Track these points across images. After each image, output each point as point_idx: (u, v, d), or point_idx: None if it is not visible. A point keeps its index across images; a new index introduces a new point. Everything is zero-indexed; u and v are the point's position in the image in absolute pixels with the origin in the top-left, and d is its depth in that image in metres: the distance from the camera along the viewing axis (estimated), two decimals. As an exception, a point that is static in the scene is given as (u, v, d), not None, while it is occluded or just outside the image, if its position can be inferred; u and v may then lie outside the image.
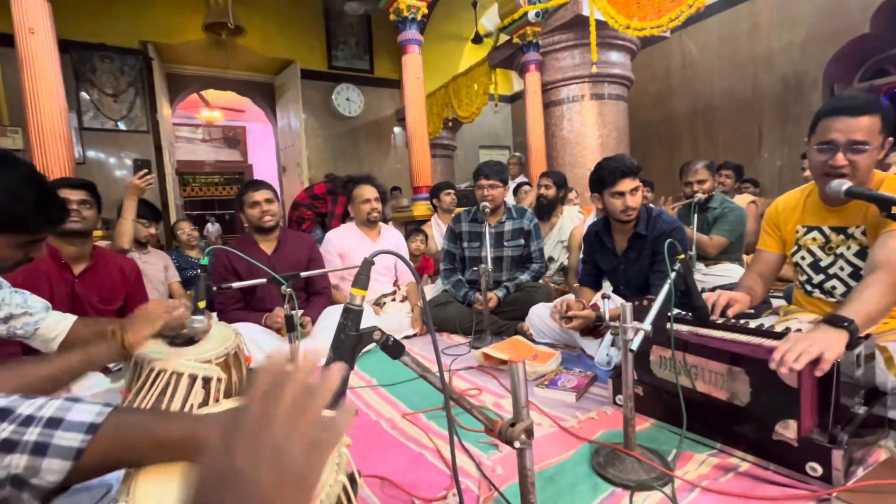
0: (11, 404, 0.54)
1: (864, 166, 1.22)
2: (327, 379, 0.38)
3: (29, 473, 0.51)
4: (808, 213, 1.42)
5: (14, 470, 0.51)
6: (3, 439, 0.51)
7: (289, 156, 6.69)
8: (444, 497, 1.03)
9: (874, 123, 1.19)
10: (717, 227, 2.56)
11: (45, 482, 0.52)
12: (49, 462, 0.52)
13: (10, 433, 0.52)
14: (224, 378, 1.23)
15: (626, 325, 1.07)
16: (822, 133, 1.25)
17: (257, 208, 2.15)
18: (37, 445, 0.52)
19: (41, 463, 0.52)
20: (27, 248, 0.92)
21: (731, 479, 1.04)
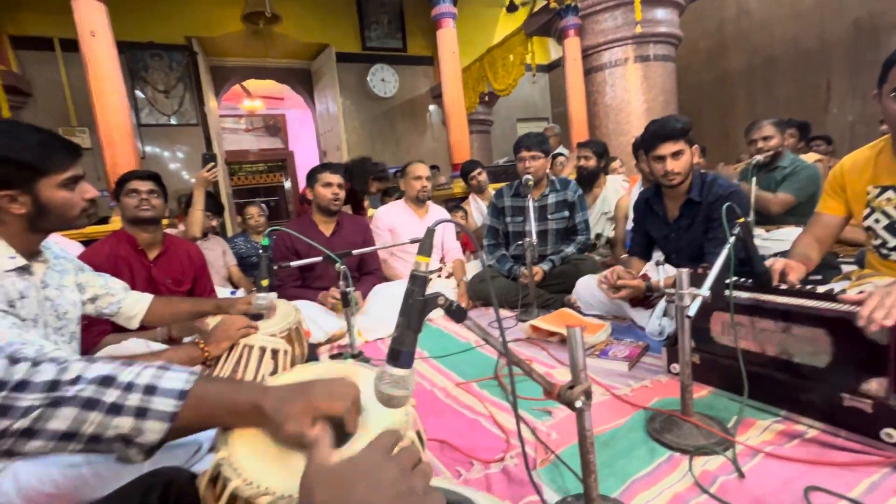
0: (115, 372, 0.62)
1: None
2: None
3: (134, 434, 0.58)
4: (882, 172, 1.30)
5: (122, 430, 0.58)
6: (112, 403, 0.58)
7: (328, 140, 6.82)
8: (502, 459, 1.07)
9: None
10: (784, 185, 2.38)
11: (147, 441, 0.59)
12: (150, 424, 0.59)
13: (116, 398, 0.59)
14: (289, 350, 1.33)
15: (682, 291, 1.05)
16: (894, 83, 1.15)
17: (330, 189, 2.24)
18: (138, 410, 0.59)
19: (143, 425, 0.59)
20: (72, 188, 1.02)
21: (797, 446, 1.02)
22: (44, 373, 0.56)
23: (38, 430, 0.54)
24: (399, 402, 0.58)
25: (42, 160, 0.97)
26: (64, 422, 0.55)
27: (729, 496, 0.87)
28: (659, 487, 0.92)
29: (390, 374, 0.58)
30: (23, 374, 0.54)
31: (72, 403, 0.56)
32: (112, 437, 0.57)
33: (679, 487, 0.92)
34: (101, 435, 0.57)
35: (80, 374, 0.58)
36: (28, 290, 1.02)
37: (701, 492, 0.90)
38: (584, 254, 2.50)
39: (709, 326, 1.30)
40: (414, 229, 2.51)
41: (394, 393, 0.57)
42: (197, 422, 0.63)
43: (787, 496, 0.86)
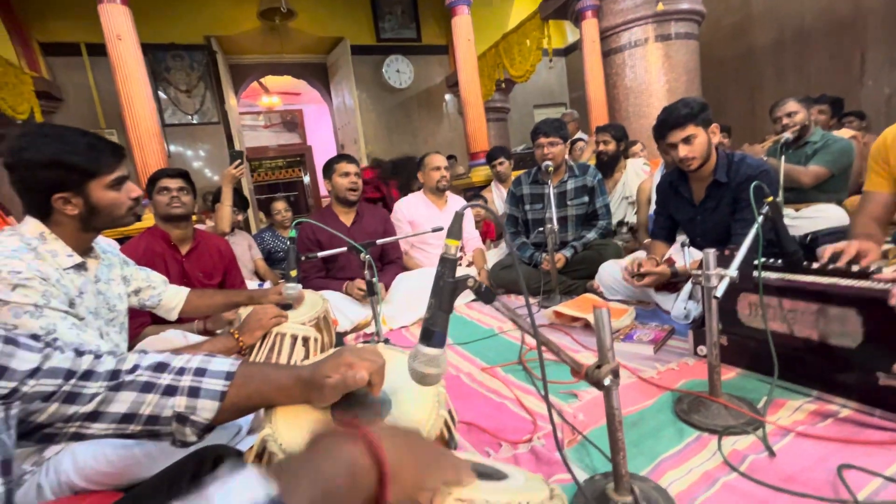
0: (167, 360, 0.66)
1: None
2: None
3: (189, 412, 0.63)
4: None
5: (178, 409, 0.63)
6: (167, 385, 0.63)
7: (346, 134, 6.88)
8: (530, 439, 1.10)
9: None
10: (816, 158, 2.30)
11: (200, 419, 0.64)
12: (202, 402, 0.64)
13: (170, 380, 0.64)
14: (319, 337, 1.37)
15: (709, 272, 1.04)
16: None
17: (347, 178, 2.30)
18: (191, 389, 0.64)
19: (196, 403, 0.64)
20: (118, 188, 1.08)
21: (830, 425, 1.01)
22: (105, 363, 0.61)
23: (102, 412, 0.59)
24: (432, 379, 0.61)
25: (92, 163, 1.02)
26: (124, 404, 0.60)
27: (759, 474, 0.87)
28: (688, 466, 0.93)
29: (423, 353, 0.60)
30: (88, 364, 0.59)
31: (131, 388, 0.61)
32: (169, 416, 0.62)
33: (708, 466, 0.92)
34: (158, 415, 0.62)
35: (136, 363, 0.63)
36: (85, 285, 1.09)
37: (731, 470, 0.90)
38: (605, 239, 2.47)
39: (736, 308, 1.28)
40: (434, 220, 2.53)
41: (427, 371, 0.60)
42: (243, 400, 0.67)
43: (819, 474, 0.85)
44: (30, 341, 0.56)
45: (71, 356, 0.59)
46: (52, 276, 0.99)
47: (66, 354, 0.58)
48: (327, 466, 0.38)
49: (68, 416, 0.57)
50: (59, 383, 0.56)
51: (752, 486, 0.85)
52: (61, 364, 0.57)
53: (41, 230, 1.05)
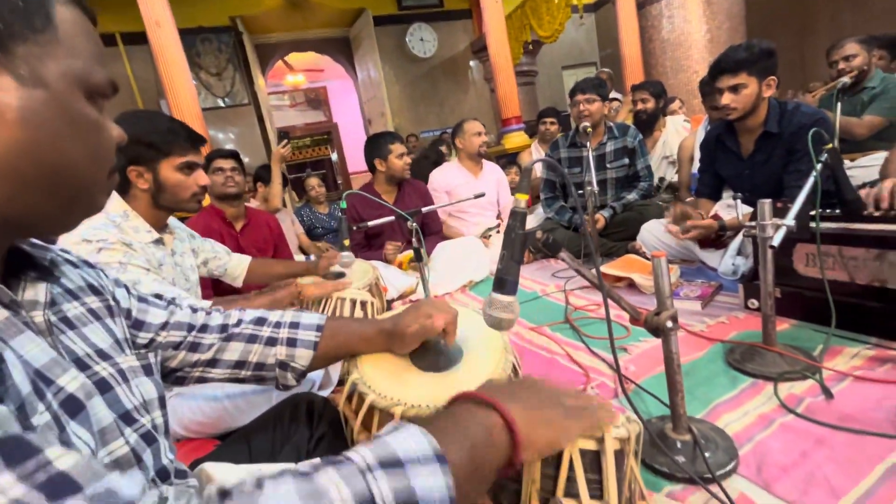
0: (264, 314, 0.74)
1: None
2: None
3: (288, 359, 0.71)
4: None
5: (280, 357, 0.71)
6: (268, 337, 0.71)
7: (372, 108, 6.87)
8: (584, 390, 1.15)
9: None
10: (872, 107, 2.17)
11: (298, 365, 0.72)
12: (299, 351, 0.72)
13: (270, 332, 0.72)
14: (375, 301, 1.45)
15: (765, 222, 1.04)
16: None
17: (404, 159, 2.38)
18: (289, 340, 0.72)
19: (294, 352, 0.72)
20: (187, 173, 1.16)
21: (889, 369, 1.01)
22: (216, 318, 0.69)
23: (218, 359, 0.68)
24: (507, 324, 0.66)
25: (166, 144, 1.11)
26: (235, 353, 0.69)
27: (817, 415, 0.90)
28: (743, 409, 0.96)
29: (498, 299, 0.65)
30: (203, 319, 0.68)
31: (238, 339, 0.69)
32: (272, 363, 0.71)
33: (765, 409, 0.95)
34: (263, 363, 0.71)
35: (240, 318, 0.71)
36: (164, 258, 1.19)
37: (787, 412, 0.93)
38: (647, 199, 2.44)
39: (791, 259, 1.27)
40: (470, 188, 2.55)
41: (502, 316, 0.65)
42: (333, 349, 0.75)
43: (879, 414, 0.87)
44: (155, 300, 0.64)
45: (189, 312, 0.67)
46: (134, 244, 1.10)
47: (185, 311, 0.67)
48: (472, 428, 0.44)
49: (193, 362, 0.66)
50: (183, 335, 0.65)
51: (810, 425, 0.88)
52: (183, 319, 0.66)
53: (124, 208, 1.15)
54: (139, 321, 0.60)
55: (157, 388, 0.54)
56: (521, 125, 3.93)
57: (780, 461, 0.81)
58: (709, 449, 0.83)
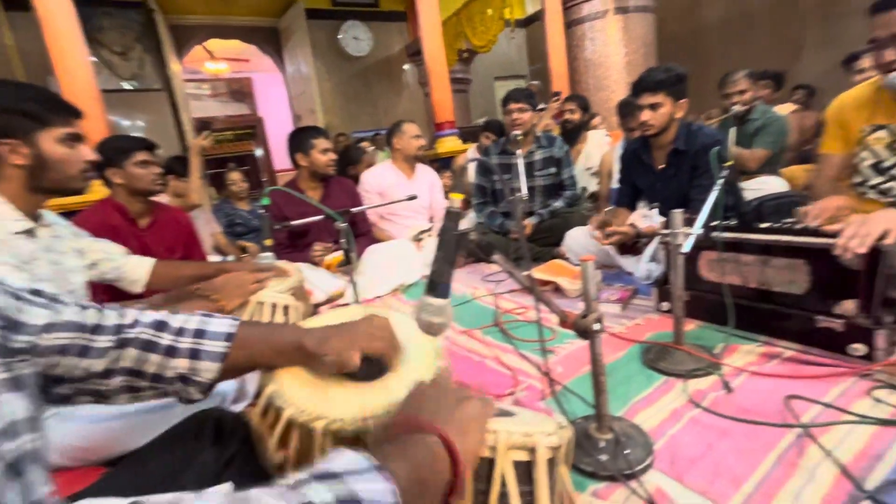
0: (166, 318, 0.65)
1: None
2: None
3: (191, 373, 0.62)
4: (878, 110, 1.34)
5: (181, 370, 0.62)
6: (167, 345, 0.62)
7: (302, 104, 6.59)
8: (512, 393, 1.16)
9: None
10: (758, 140, 2.47)
11: (203, 379, 0.63)
12: (204, 364, 0.63)
13: (170, 341, 0.62)
14: (299, 305, 1.36)
15: (676, 230, 1.12)
16: (871, 31, 1.21)
17: (327, 155, 2.25)
18: (192, 351, 0.63)
19: (198, 365, 0.63)
20: (72, 145, 1.03)
21: (776, 365, 1.13)
22: (109, 317, 0.59)
23: (112, 369, 0.58)
24: (439, 328, 0.63)
25: (44, 112, 0.95)
26: (130, 361, 0.59)
27: (720, 408, 0.98)
28: (658, 406, 1.02)
29: (430, 303, 0.62)
30: (94, 318, 0.57)
31: (134, 345, 0.59)
32: (172, 376, 0.61)
33: (676, 404, 1.02)
34: (161, 375, 0.61)
35: (137, 319, 0.61)
36: (36, 252, 1.01)
37: (695, 406, 1.00)
38: (572, 208, 2.56)
39: (697, 265, 1.39)
40: (404, 190, 2.51)
41: (434, 320, 0.62)
42: (244, 362, 0.67)
43: (770, 405, 0.97)
44: (30, 296, 0.53)
45: (77, 309, 0.57)
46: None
47: (72, 308, 0.56)
48: (415, 454, 0.44)
49: (83, 371, 0.56)
50: (72, 336, 0.54)
51: (715, 418, 0.95)
52: (71, 317, 0.55)
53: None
54: (14, 321, 0.49)
55: (28, 406, 0.44)
56: (455, 130, 3.98)
57: (690, 454, 0.86)
58: (629, 446, 0.87)
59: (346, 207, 2.25)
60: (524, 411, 0.64)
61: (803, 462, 0.80)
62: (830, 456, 0.80)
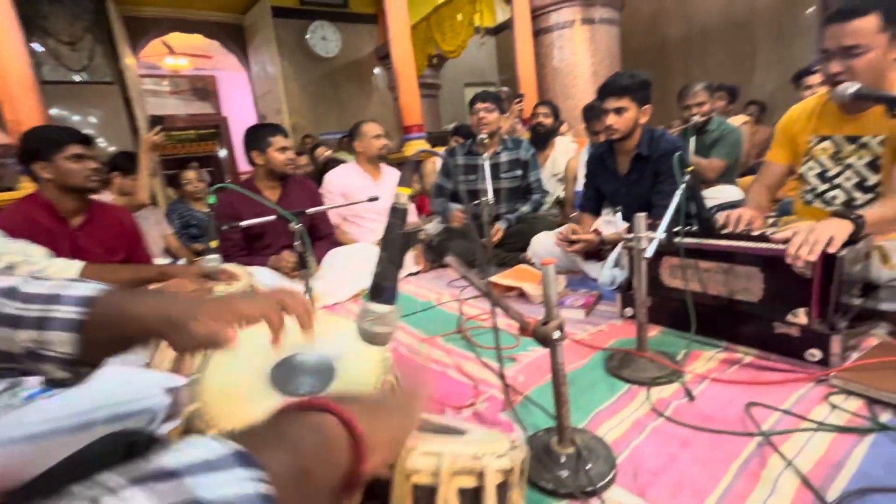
0: (17, 284, 0.54)
1: (863, 70, 1.18)
2: None
3: (39, 346, 0.51)
4: (823, 122, 1.39)
5: (27, 344, 0.50)
6: (10, 314, 0.50)
7: (267, 104, 6.40)
8: (473, 404, 1.10)
9: (867, 24, 1.15)
10: (715, 151, 2.55)
11: (59, 353, 0.51)
12: (54, 335, 0.51)
13: (15, 309, 0.51)
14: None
15: (639, 234, 1.10)
16: (822, 42, 1.24)
17: (286, 154, 2.14)
18: (38, 320, 0.51)
19: (46, 336, 0.51)
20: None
21: (736, 371, 1.13)
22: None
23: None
24: (383, 339, 0.57)
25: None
26: None
27: (682, 417, 0.95)
28: (620, 416, 0.99)
29: (373, 310, 0.56)
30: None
31: None
32: (22, 352, 0.50)
33: (638, 414, 0.99)
34: (11, 351, 0.50)
35: None
36: None
37: (658, 416, 0.97)
38: (538, 212, 2.55)
39: (659, 271, 1.38)
40: (368, 192, 2.42)
41: (377, 330, 0.56)
42: (109, 332, 0.54)
43: (731, 412, 0.95)
44: None
45: None
46: None
47: None
48: (301, 438, 0.34)
49: None
50: None
51: (677, 427, 0.93)
52: None
53: None
54: None
55: None
56: (423, 133, 3.93)
57: (652, 466, 0.83)
58: (591, 460, 0.82)
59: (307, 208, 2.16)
60: (476, 428, 0.58)
61: (765, 473, 0.78)
62: (791, 465, 0.78)
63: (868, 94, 1.15)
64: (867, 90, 1.15)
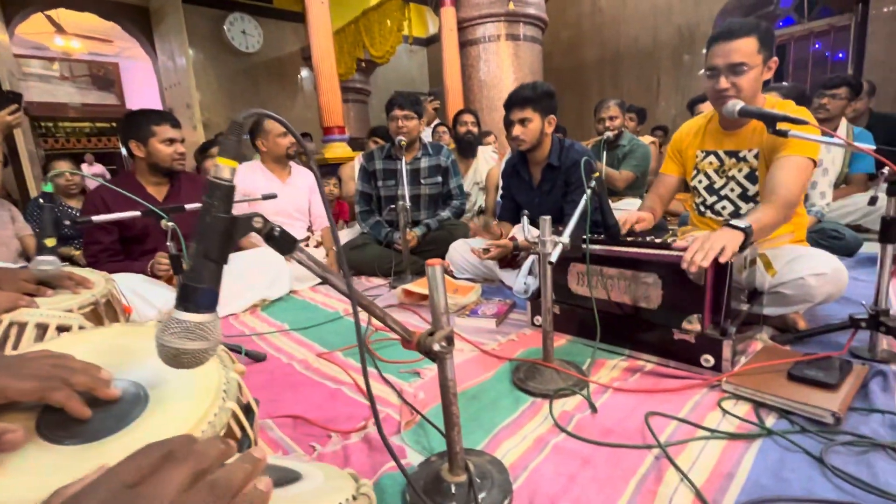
0: None
1: (747, 86, 1.26)
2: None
3: None
4: (708, 138, 1.49)
5: None
6: None
7: (175, 96, 5.81)
8: (364, 426, 0.97)
9: (749, 44, 1.24)
10: (625, 163, 2.70)
11: None
12: None
13: None
14: (89, 327, 1.03)
15: (545, 238, 1.05)
16: (708, 60, 1.31)
17: (173, 147, 1.83)
18: None
19: None
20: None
21: (638, 379, 1.11)
22: None
23: None
24: (193, 358, 0.42)
25: None
26: None
27: (584, 431, 0.90)
28: (522, 433, 0.92)
29: (180, 320, 0.42)
30: None
31: None
32: None
33: (541, 430, 0.92)
34: None
35: None
36: None
37: (560, 431, 0.91)
38: (459, 219, 2.50)
39: (567, 279, 1.36)
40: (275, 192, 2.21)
41: (185, 346, 0.41)
42: None
43: (631, 423, 0.91)
44: None
45: None
46: None
47: None
48: None
49: None
50: None
51: (578, 443, 0.87)
52: None
53: None
54: None
55: None
56: (345, 136, 3.76)
57: (550, 490, 0.75)
58: (484, 488, 0.73)
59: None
60: (318, 471, 0.46)
61: (661, 489, 0.73)
62: (686, 479, 0.75)
63: (752, 111, 1.21)
64: (752, 107, 1.22)
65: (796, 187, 1.21)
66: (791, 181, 1.21)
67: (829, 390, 0.90)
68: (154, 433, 0.48)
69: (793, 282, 1.23)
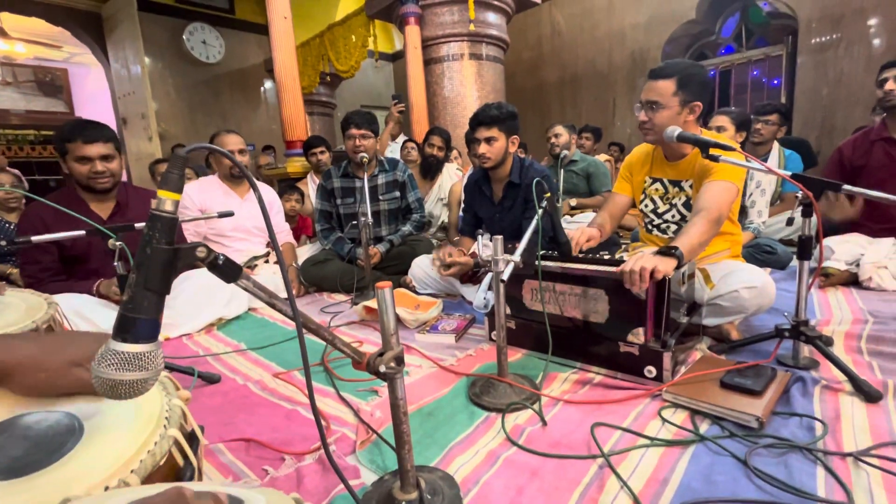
0: None
1: (658, 123, 1.37)
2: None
3: None
4: (655, 166, 1.59)
5: None
6: None
7: (129, 106, 5.60)
8: (318, 448, 0.97)
9: (666, 86, 1.35)
10: (598, 185, 2.99)
11: None
12: None
13: None
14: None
15: (497, 257, 1.09)
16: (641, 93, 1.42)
17: (87, 165, 1.68)
18: None
19: None
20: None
21: (587, 391, 1.16)
22: None
23: None
24: (132, 389, 0.43)
25: None
26: None
27: (534, 444, 0.93)
28: (475, 448, 0.94)
29: (118, 351, 0.42)
30: None
31: None
32: None
33: (493, 444, 0.95)
34: None
35: None
36: None
37: (511, 445, 0.94)
38: (420, 232, 2.53)
39: (521, 294, 1.40)
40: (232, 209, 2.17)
41: (122, 377, 0.42)
42: None
43: (578, 435, 0.96)
44: None
45: None
46: None
47: None
48: None
49: None
50: None
51: (528, 456, 0.90)
52: None
53: None
54: None
55: None
56: (308, 151, 3.73)
57: (499, 503, 0.78)
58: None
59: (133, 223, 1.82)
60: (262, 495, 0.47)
61: (602, 497, 0.77)
62: (625, 486, 0.79)
63: (688, 136, 1.31)
64: (688, 133, 1.32)
65: (724, 205, 1.31)
66: (718, 199, 1.31)
67: (755, 396, 0.98)
68: (88, 465, 0.47)
69: (728, 294, 1.33)
